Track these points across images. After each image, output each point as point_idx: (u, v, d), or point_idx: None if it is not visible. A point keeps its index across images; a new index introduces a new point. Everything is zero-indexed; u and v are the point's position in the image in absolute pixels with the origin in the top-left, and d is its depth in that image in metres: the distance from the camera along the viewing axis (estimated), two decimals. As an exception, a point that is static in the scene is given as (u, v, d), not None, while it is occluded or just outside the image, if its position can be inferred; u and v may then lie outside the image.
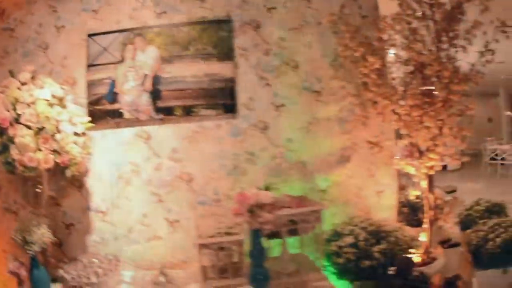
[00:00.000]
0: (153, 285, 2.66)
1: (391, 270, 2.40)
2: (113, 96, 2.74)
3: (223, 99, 2.65)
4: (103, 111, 2.75)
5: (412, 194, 2.86)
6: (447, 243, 3.15)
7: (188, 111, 2.66)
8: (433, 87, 2.52)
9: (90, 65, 2.80)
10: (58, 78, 2.72)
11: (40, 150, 2.39)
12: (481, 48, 2.71)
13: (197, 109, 2.65)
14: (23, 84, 2.41)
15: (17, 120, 2.29)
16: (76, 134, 2.56)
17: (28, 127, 2.36)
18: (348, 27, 2.61)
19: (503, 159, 10.74)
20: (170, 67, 2.69)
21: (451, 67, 2.54)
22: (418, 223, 2.86)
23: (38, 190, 2.59)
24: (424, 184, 2.68)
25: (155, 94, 2.69)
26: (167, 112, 2.68)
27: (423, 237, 2.75)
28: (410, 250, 2.78)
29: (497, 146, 11.11)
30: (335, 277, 2.54)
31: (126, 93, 2.72)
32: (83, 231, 2.82)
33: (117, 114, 2.73)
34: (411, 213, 2.90)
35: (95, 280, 2.53)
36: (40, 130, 2.40)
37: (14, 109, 2.28)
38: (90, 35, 2.82)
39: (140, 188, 2.71)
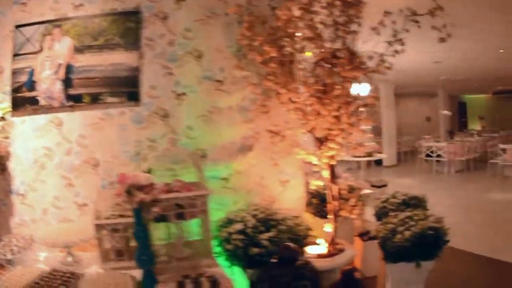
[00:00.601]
0: (61, 265, 2.78)
1: (275, 258, 2.39)
2: (31, 84, 2.88)
3: (127, 87, 2.74)
4: (23, 98, 2.89)
5: (313, 184, 2.83)
6: (366, 236, 3.10)
7: (95, 99, 2.77)
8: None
9: (15, 55, 2.96)
10: (-11, 68, 2.91)
11: (-37, 133, 2.57)
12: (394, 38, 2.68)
13: (103, 96, 2.75)
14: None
15: None
16: (-6, 119, 2.73)
17: (-46, 112, 2.55)
18: (250, 17, 2.64)
19: (439, 156, 10.84)
20: (82, 57, 2.81)
21: (346, 54, 2.52)
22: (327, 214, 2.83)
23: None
24: (326, 174, 2.66)
25: (67, 82, 2.81)
26: (77, 99, 2.80)
27: (328, 228, 2.73)
28: (316, 241, 2.76)
29: (433, 143, 11.23)
30: (227, 263, 2.56)
31: (42, 81, 2.86)
32: (7, 213, 2.97)
33: (35, 101, 2.87)
34: (320, 203, 2.87)
35: (10, 257, 2.67)
36: (-36, 114, 2.58)
37: None
38: (17, 27, 2.98)
39: (53, 172, 2.83)
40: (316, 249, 2.76)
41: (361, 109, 2.62)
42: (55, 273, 2.48)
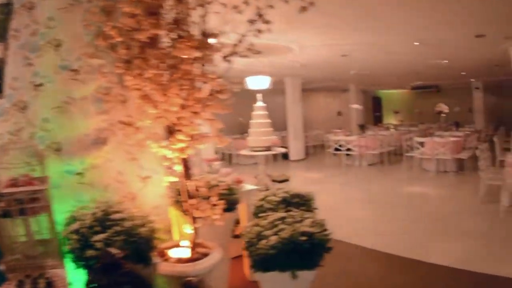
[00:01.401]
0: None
1: (97, 264, 2.17)
2: None
3: (-7, 80, 2.71)
4: None
5: (165, 180, 2.55)
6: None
7: (-33, 93, 2.78)
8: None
9: None
10: None
11: None
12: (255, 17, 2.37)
13: (-27, 90, 2.75)
14: None
15: None
16: None
17: None
18: (104, 2, 2.47)
19: (349, 149, 10.44)
20: (-38, 52, 2.84)
21: (185, 33, 2.24)
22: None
23: None
24: (179, 169, 2.39)
25: (-51, 78, 2.86)
26: (-45, 94, 2.83)
27: (188, 229, 2.46)
28: (180, 243, 2.50)
29: (341, 137, 10.77)
30: (72, 264, 2.40)
31: None
32: None
33: None
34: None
35: None
36: None
37: None
38: None
39: None
40: (179, 253, 2.49)
41: (218, 96, 2.31)
42: None
